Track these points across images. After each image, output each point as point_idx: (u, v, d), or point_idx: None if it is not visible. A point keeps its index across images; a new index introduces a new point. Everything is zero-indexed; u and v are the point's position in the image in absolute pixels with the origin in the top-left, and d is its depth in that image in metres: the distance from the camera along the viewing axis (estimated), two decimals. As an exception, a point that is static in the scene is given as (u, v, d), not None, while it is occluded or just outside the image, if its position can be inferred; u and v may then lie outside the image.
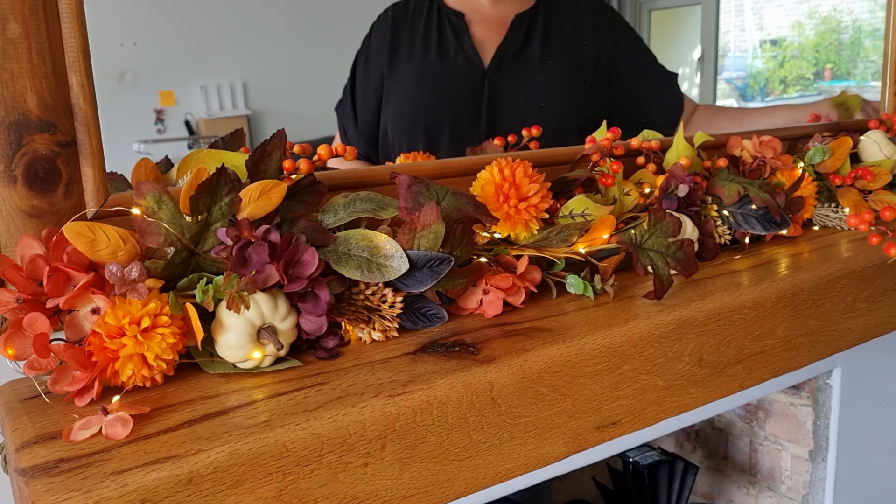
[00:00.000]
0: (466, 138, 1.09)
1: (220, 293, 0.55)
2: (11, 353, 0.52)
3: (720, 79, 4.59)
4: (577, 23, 1.19)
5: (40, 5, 0.56)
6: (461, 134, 1.05)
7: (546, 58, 1.15)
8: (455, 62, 1.13)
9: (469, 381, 0.56)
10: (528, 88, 1.14)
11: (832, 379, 0.95)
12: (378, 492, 0.52)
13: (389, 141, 1.20)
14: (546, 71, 1.16)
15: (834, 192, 1.02)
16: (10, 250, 0.56)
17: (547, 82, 1.15)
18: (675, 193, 0.80)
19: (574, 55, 1.19)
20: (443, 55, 1.13)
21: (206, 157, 0.64)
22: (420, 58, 1.15)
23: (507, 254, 0.71)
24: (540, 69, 1.15)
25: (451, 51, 1.13)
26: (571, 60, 1.18)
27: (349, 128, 1.25)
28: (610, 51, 1.22)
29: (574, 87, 1.17)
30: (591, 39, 1.20)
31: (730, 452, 1.12)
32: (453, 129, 1.13)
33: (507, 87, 1.12)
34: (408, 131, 1.14)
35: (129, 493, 0.43)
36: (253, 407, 0.51)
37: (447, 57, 1.13)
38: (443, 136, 1.13)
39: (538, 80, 1.16)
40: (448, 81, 1.15)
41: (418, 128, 1.14)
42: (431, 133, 1.13)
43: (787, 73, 4.49)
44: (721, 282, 0.76)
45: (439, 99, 1.15)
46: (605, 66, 1.21)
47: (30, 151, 0.56)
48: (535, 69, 1.15)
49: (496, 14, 1.15)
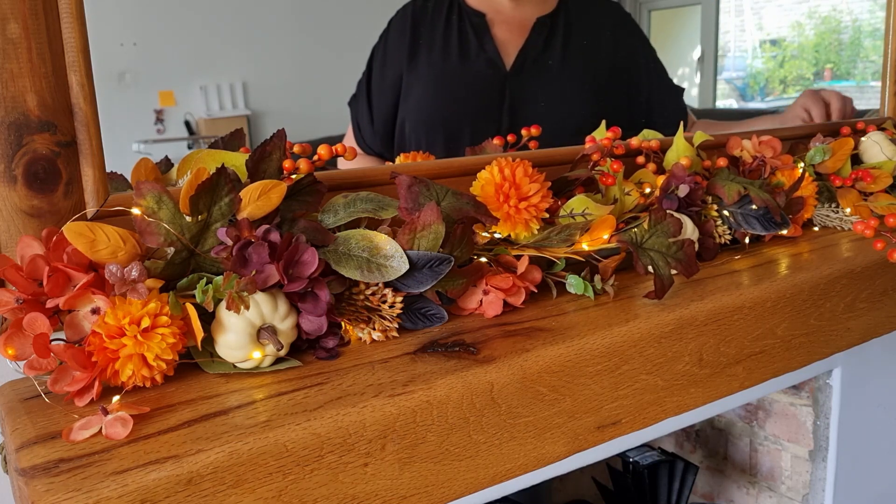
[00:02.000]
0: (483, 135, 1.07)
1: (220, 293, 0.55)
2: (11, 353, 0.52)
3: (720, 79, 4.60)
4: (596, 28, 1.20)
5: (40, 5, 0.56)
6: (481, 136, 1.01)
7: (567, 62, 1.16)
8: (477, 64, 1.12)
9: (469, 381, 0.56)
10: (550, 92, 1.14)
11: (832, 379, 0.95)
12: (378, 492, 0.52)
13: (406, 139, 1.18)
14: (567, 75, 1.16)
15: (834, 192, 1.02)
16: (10, 250, 0.56)
17: (567, 86, 1.16)
18: (675, 193, 0.80)
19: (594, 60, 1.19)
20: (464, 56, 1.12)
21: (206, 157, 0.64)
22: (441, 58, 1.14)
23: (508, 254, 0.71)
24: (561, 73, 1.16)
25: (472, 52, 1.13)
26: (591, 65, 1.18)
27: (363, 123, 1.23)
28: (628, 58, 1.22)
29: (594, 93, 1.17)
30: (611, 45, 1.21)
31: (730, 452, 1.12)
32: (473, 131, 1.12)
33: (528, 91, 1.12)
34: (427, 132, 1.14)
35: (129, 493, 0.43)
36: (253, 407, 0.51)
37: (469, 58, 1.12)
38: (463, 137, 1.13)
39: (559, 85, 1.16)
40: (470, 83, 1.14)
41: (438, 128, 1.13)
42: (451, 134, 1.13)
43: (786, 73, 4.49)
44: (721, 282, 0.76)
45: (460, 101, 1.14)
46: (624, 72, 1.21)
47: (30, 151, 0.56)
48: (557, 73, 1.15)
49: (517, 16, 1.15)
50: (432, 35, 1.14)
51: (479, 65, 1.12)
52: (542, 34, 1.15)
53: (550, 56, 1.15)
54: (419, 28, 1.15)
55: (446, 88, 1.15)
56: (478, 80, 1.13)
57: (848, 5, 4.22)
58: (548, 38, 1.15)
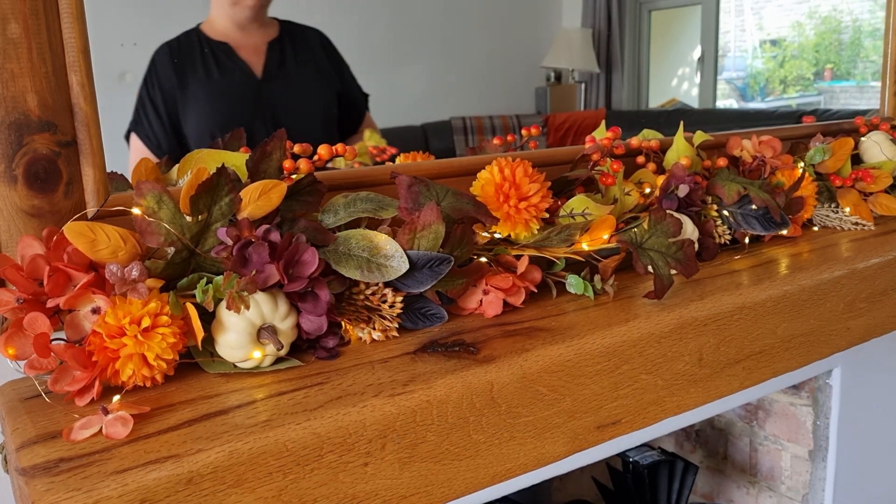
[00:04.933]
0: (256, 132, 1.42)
1: (220, 293, 0.55)
2: (12, 352, 0.52)
3: (720, 79, 4.59)
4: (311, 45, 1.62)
5: (41, 5, 0.56)
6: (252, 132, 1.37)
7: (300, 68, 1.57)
8: (235, 76, 1.51)
9: (469, 381, 0.56)
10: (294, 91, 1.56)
11: (832, 379, 0.95)
12: (378, 491, 0.52)
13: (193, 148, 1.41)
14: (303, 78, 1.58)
15: (834, 192, 1.02)
16: (10, 250, 0.56)
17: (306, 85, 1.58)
18: (675, 193, 0.80)
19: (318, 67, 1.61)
20: (223, 72, 1.50)
21: (207, 157, 0.64)
22: (205, 77, 1.50)
23: (508, 254, 0.71)
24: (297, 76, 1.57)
25: (228, 69, 1.51)
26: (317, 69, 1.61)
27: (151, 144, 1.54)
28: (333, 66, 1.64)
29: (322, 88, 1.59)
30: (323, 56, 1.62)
31: (730, 452, 1.12)
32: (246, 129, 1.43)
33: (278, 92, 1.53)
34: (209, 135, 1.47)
35: (129, 493, 0.43)
36: (253, 407, 0.51)
37: (227, 73, 1.50)
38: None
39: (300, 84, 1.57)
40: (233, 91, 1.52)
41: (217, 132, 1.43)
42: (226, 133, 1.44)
43: (787, 73, 4.49)
44: (721, 282, 0.76)
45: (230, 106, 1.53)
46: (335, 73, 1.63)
47: (30, 151, 0.56)
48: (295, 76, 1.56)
49: (252, 42, 1.53)
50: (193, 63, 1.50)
51: (237, 76, 1.50)
52: (276, 51, 1.54)
53: (288, 65, 1.56)
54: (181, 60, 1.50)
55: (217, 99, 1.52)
56: (240, 89, 1.51)
57: (848, 5, 4.22)
58: (281, 53, 1.55)
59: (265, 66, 1.53)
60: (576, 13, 4.40)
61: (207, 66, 1.50)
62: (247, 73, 1.51)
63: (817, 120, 1.22)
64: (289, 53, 1.57)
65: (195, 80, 1.50)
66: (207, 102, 1.51)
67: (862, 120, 1.14)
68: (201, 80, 1.51)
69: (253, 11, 1.50)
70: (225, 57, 1.50)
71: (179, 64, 1.51)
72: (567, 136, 3.78)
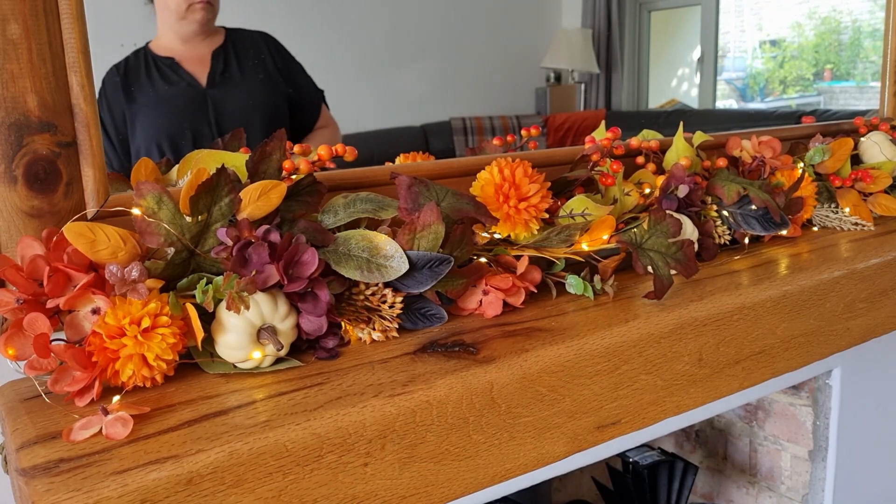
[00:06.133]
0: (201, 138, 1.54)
1: (220, 293, 0.56)
2: (12, 353, 0.52)
3: (720, 79, 4.59)
4: (258, 49, 1.67)
5: (41, 6, 0.56)
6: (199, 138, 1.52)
7: (244, 73, 1.62)
8: (180, 86, 1.57)
9: (469, 381, 0.56)
10: (237, 96, 1.61)
11: (832, 379, 0.95)
12: (378, 492, 0.52)
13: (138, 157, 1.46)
14: (248, 82, 1.62)
15: (834, 192, 1.02)
16: (10, 250, 0.57)
17: (250, 89, 1.62)
18: (675, 194, 0.80)
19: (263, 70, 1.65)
20: (170, 84, 1.57)
21: (207, 158, 0.64)
22: (152, 90, 1.57)
23: (507, 254, 0.71)
24: (242, 81, 1.62)
25: (174, 80, 1.58)
26: (263, 72, 1.65)
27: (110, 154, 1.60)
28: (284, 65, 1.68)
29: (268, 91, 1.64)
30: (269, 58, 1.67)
31: (729, 452, 1.12)
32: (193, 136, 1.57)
33: (222, 98, 1.59)
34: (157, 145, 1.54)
35: (129, 493, 0.43)
36: (253, 407, 0.51)
37: (173, 84, 1.57)
38: (185, 141, 1.54)
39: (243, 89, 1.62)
40: (179, 100, 1.57)
41: (164, 139, 1.55)
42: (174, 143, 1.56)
43: (786, 74, 4.49)
44: (721, 282, 0.76)
45: (177, 114, 1.58)
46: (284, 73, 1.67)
47: (30, 152, 0.56)
48: (239, 81, 1.61)
49: (196, 53, 1.58)
50: (139, 79, 1.57)
51: (182, 87, 1.57)
52: (220, 59, 1.60)
53: (231, 71, 1.61)
54: (129, 78, 1.57)
55: (162, 110, 1.57)
56: (185, 97, 1.56)
57: (848, 5, 4.22)
58: (225, 60, 1.61)
59: (209, 74, 1.59)
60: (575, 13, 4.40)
61: (153, 81, 1.57)
62: (191, 84, 1.57)
63: (817, 120, 1.22)
64: (233, 60, 1.62)
65: (142, 95, 1.57)
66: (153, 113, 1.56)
67: (861, 120, 1.15)
68: (148, 94, 1.58)
69: (200, 25, 1.56)
70: (170, 71, 1.57)
71: (126, 83, 1.58)
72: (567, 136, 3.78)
